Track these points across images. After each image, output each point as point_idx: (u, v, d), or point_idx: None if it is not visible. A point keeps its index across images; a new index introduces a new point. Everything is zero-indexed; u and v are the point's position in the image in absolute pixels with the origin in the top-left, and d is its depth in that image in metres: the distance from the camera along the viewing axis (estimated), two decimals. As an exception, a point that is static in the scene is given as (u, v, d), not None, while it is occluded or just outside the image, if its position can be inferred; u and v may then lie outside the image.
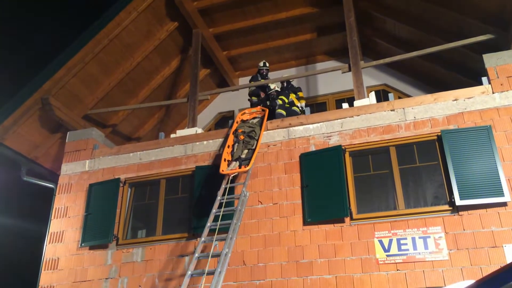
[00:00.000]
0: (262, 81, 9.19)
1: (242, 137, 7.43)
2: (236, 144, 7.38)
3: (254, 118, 8.03)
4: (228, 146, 7.37)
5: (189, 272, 5.60)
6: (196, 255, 5.84)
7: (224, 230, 6.06)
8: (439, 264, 5.88)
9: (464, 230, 5.98)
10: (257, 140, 7.31)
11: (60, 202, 8.11)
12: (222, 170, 6.86)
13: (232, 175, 6.86)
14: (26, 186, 8.98)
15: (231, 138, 7.54)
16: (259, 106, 8.44)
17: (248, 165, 6.84)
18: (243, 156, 7.14)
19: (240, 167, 6.91)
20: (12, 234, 9.93)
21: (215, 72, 11.03)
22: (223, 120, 11.00)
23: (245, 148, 7.26)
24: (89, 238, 7.55)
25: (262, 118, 7.85)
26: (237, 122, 7.97)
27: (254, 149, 7.15)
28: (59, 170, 8.56)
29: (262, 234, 6.80)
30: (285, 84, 9.05)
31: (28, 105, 8.34)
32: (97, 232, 7.55)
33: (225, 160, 7.13)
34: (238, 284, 6.56)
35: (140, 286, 7.01)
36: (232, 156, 7.20)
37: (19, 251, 9.72)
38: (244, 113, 8.25)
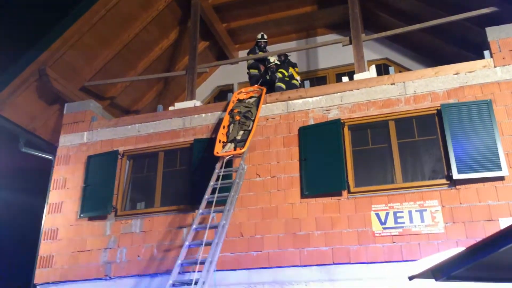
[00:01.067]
0: (262, 54, 9.09)
1: (238, 117, 7.21)
2: (232, 124, 7.19)
3: (251, 97, 7.76)
4: (224, 127, 7.19)
5: (187, 243, 5.66)
6: (194, 226, 5.89)
7: (222, 202, 6.09)
8: (435, 237, 5.93)
9: (460, 203, 6.00)
10: (253, 121, 7.10)
11: (58, 173, 8.13)
12: (217, 152, 6.74)
13: (227, 157, 6.73)
14: (24, 157, 8.97)
15: (226, 119, 7.34)
16: (256, 85, 8.17)
17: (243, 147, 6.70)
18: (238, 137, 6.97)
19: (235, 149, 6.77)
20: (11, 204, 10.00)
21: (214, 44, 10.89)
22: (222, 94, 10.93)
23: (240, 129, 7.08)
24: (88, 209, 7.60)
25: (259, 98, 7.59)
26: (233, 102, 7.68)
27: (250, 130, 6.97)
28: (57, 142, 8.55)
29: (260, 206, 6.84)
30: (282, 58, 8.95)
31: (25, 76, 8.27)
32: (95, 203, 7.60)
33: (220, 141, 6.97)
34: (236, 255, 6.63)
35: (139, 256, 7.09)
36: (227, 137, 7.04)
37: (18, 221, 9.81)
38: (241, 92, 7.97)
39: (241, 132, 7.03)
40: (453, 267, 2.20)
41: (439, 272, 2.26)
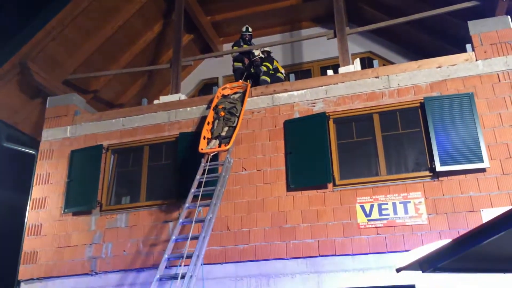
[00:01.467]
0: (246, 47, 9.06)
1: (222, 113, 7.11)
2: (216, 121, 7.09)
3: (235, 93, 7.66)
4: (208, 123, 7.08)
5: (174, 237, 5.65)
6: (181, 220, 5.88)
7: (208, 196, 6.09)
8: (418, 228, 6.03)
9: (443, 195, 6.11)
10: (238, 117, 7.03)
11: (41, 168, 8.02)
12: (201, 149, 6.63)
13: (211, 154, 6.65)
14: (6, 152, 8.82)
15: (211, 114, 7.22)
16: (240, 80, 8.08)
17: (228, 143, 6.62)
18: (223, 133, 6.89)
19: (220, 145, 6.69)
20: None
21: (198, 37, 10.81)
22: (207, 87, 10.88)
23: (225, 125, 6.99)
24: (72, 204, 7.53)
25: (243, 93, 7.51)
26: (217, 97, 7.57)
27: (235, 127, 6.90)
28: (39, 136, 8.43)
29: (246, 200, 6.86)
30: (265, 55, 8.86)
31: (6, 69, 8.09)
32: (80, 198, 7.53)
33: (204, 137, 6.87)
34: (222, 248, 6.65)
35: (124, 251, 7.06)
36: (212, 133, 6.95)
37: (0, 217, 9.65)
38: (225, 87, 7.84)
39: (226, 129, 6.95)
40: (439, 259, 2.25)
41: (426, 264, 2.32)
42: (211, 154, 6.63)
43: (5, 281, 8.26)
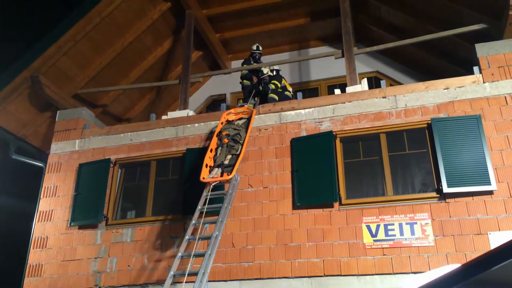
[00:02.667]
0: (255, 65, 9.15)
1: (226, 140, 6.92)
2: (220, 148, 6.91)
3: (240, 119, 7.48)
4: (211, 150, 6.91)
5: (180, 254, 5.65)
6: (187, 237, 5.88)
7: (215, 213, 6.10)
8: (425, 250, 6.00)
9: (450, 217, 6.09)
10: (242, 145, 6.86)
11: (49, 181, 8.08)
12: (203, 178, 6.43)
13: (213, 184, 6.43)
14: (15, 165, 8.90)
15: (214, 141, 7.06)
16: (245, 105, 7.83)
17: (231, 172, 6.40)
18: (226, 162, 6.68)
19: (222, 174, 6.49)
20: (1, 210, 9.89)
21: (207, 54, 10.94)
22: (215, 104, 10.97)
23: (228, 153, 6.80)
24: (78, 217, 7.56)
25: (248, 119, 7.35)
26: (221, 123, 7.40)
27: (239, 155, 6.71)
28: (48, 149, 8.52)
29: (252, 217, 6.86)
30: (274, 73, 8.94)
31: (17, 82, 8.23)
32: (86, 212, 7.56)
33: (206, 165, 6.67)
34: (227, 266, 6.64)
35: (129, 266, 7.06)
36: (214, 161, 6.76)
37: (7, 229, 9.69)
38: (230, 112, 7.65)
39: (229, 157, 6.77)
40: (449, 284, 2.26)
41: (435, 288, 2.32)
42: (213, 184, 6.42)
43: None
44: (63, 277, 7.25)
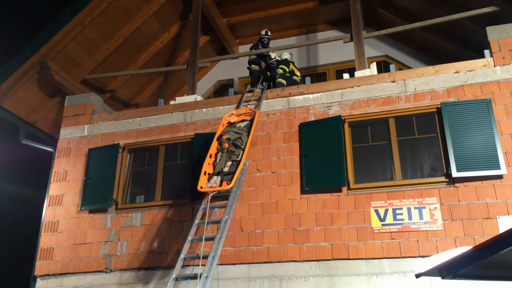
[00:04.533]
0: (263, 50, 9.10)
1: (226, 145, 6.41)
2: (220, 153, 6.42)
3: (242, 121, 7.01)
4: (211, 155, 6.42)
5: (190, 238, 5.68)
6: (196, 221, 5.89)
7: (224, 197, 6.12)
8: (433, 234, 6.01)
9: (459, 201, 6.08)
10: (243, 150, 6.35)
11: (59, 166, 8.16)
12: (201, 187, 5.92)
13: (211, 194, 5.90)
14: (25, 150, 8.98)
15: (214, 146, 6.57)
16: (248, 107, 7.26)
17: (230, 181, 5.87)
18: (225, 169, 6.19)
19: (221, 183, 5.98)
20: (11, 196, 10.01)
21: (215, 39, 10.90)
22: (222, 88, 10.96)
23: (229, 159, 6.31)
24: (88, 202, 7.64)
25: (251, 122, 6.88)
26: (223, 125, 6.94)
27: (239, 161, 6.19)
28: (57, 135, 8.58)
29: (260, 201, 6.89)
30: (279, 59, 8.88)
31: (26, 68, 8.27)
32: (96, 196, 7.63)
33: (205, 173, 6.17)
34: (235, 249, 6.70)
35: (139, 249, 7.14)
36: (214, 168, 6.26)
37: (18, 214, 9.83)
38: (232, 114, 7.18)
39: (229, 163, 6.27)
40: (459, 265, 2.26)
41: (445, 270, 2.33)
42: (211, 194, 5.89)
43: (22, 277, 8.41)
44: (74, 260, 7.35)
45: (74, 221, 7.65)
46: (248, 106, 7.38)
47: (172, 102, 8.30)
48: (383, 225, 6.25)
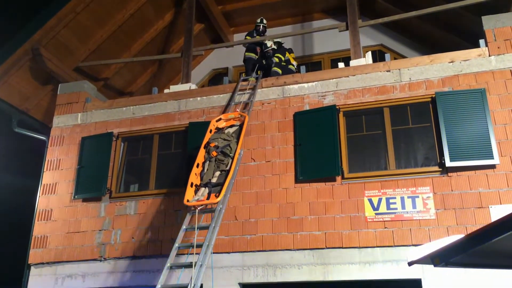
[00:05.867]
0: (259, 38, 9.04)
1: (214, 153, 6.00)
2: (207, 162, 6.01)
3: (232, 126, 6.61)
4: (198, 165, 6.03)
5: (184, 227, 5.67)
6: (191, 210, 5.89)
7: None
8: (426, 223, 6.05)
9: (452, 191, 6.12)
10: (233, 158, 5.95)
11: (52, 154, 8.11)
12: (187, 201, 5.56)
13: (199, 208, 5.53)
14: (17, 138, 8.92)
15: (201, 154, 6.16)
16: (237, 111, 6.93)
17: (219, 192, 5.49)
18: (214, 180, 5.78)
19: (209, 195, 5.60)
20: (3, 184, 9.96)
21: (209, 27, 10.81)
22: (217, 77, 10.90)
23: (217, 168, 5.92)
24: (82, 190, 7.61)
25: (240, 127, 6.49)
26: (210, 131, 6.53)
27: (228, 171, 5.79)
28: (50, 123, 8.52)
29: (254, 190, 6.90)
30: (277, 46, 8.86)
31: (18, 55, 8.18)
32: (90, 185, 7.61)
33: (192, 185, 5.80)
34: (230, 238, 6.72)
35: (133, 238, 7.15)
36: (201, 178, 5.87)
37: (11, 202, 9.79)
38: (220, 119, 6.75)
39: (218, 173, 5.86)
40: (452, 253, 2.29)
41: (438, 258, 2.35)
42: (199, 208, 5.52)
43: (15, 265, 8.40)
44: (68, 249, 7.35)
45: (68, 210, 7.63)
46: (237, 110, 7.06)
47: (166, 91, 8.26)
48: (376, 214, 6.29)
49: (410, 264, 2.61)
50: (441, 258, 2.35)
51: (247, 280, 6.47)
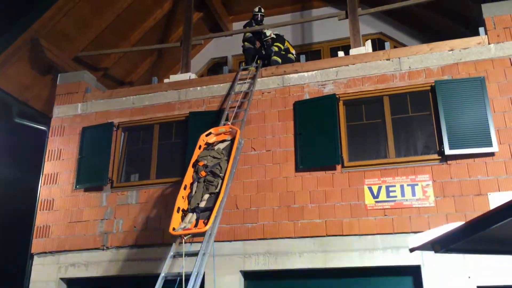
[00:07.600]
0: (257, 27, 9.02)
1: (203, 173, 5.50)
2: (196, 183, 5.52)
3: (223, 141, 6.15)
4: (185, 187, 5.53)
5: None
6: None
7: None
8: (425, 210, 6.11)
9: (451, 178, 6.17)
10: (223, 179, 5.40)
11: (53, 144, 8.14)
12: (173, 229, 5.05)
13: (186, 237, 5.06)
14: (18, 128, 8.93)
15: (189, 174, 5.67)
16: (228, 124, 6.50)
17: (208, 219, 4.97)
18: (202, 204, 5.25)
19: (197, 222, 5.08)
20: (5, 176, 10.00)
21: (208, 16, 10.76)
22: (216, 66, 10.90)
23: (206, 191, 5.40)
24: (83, 180, 7.66)
25: (231, 142, 6.03)
26: (199, 147, 6.05)
27: (218, 193, 5.28)
28: (50, 113, 8.52)
29: (255, 179, 6.95)
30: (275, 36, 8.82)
31: (17, 45, 8.15)
32: (91, 174, 7.65)
33: (178, 210, 5.29)
34: (231, 226, 6.78)
35: (135, 227, 7.21)
36: (189, 202, 5.38)
37: (13, 192, 9.83)
38: (210, 133, 6.27)
39: (206, 196, 5.34)
40: (452, 240, 2.34)
41: (439, 244, 2.40)
42: (185, 237, 5.05)
43: (18, 254, 8.46)
44: (71, 238, 7.42)
45: (70, 199, 7.68)
46: (228, 123, 6.62)
47: (166, 80, 8.26)
48: (376, 202, 6.35)
49: (411, 250, 2.66)
50: (442, 245, 2.40)
51: (249, 268, 6.55)
